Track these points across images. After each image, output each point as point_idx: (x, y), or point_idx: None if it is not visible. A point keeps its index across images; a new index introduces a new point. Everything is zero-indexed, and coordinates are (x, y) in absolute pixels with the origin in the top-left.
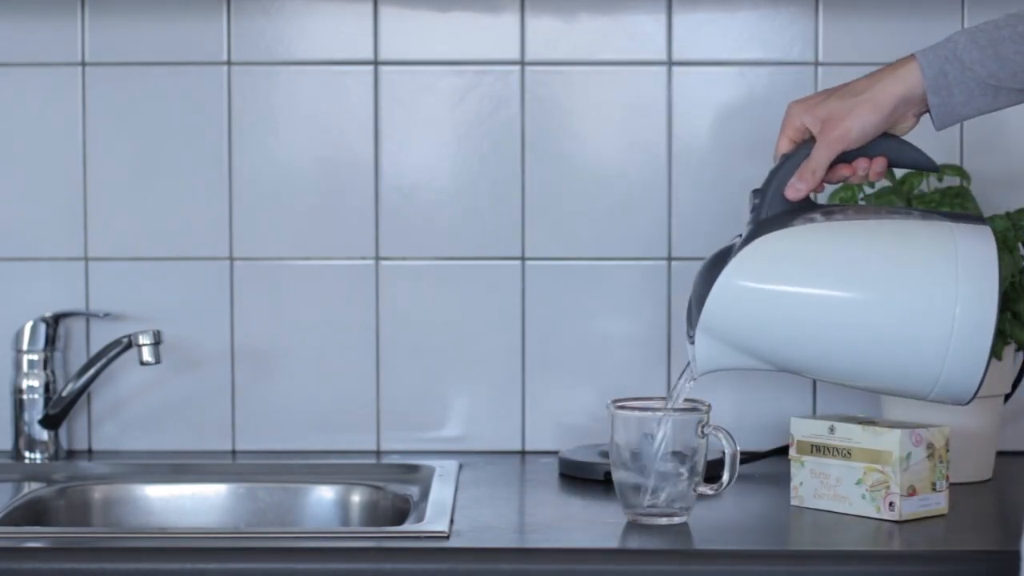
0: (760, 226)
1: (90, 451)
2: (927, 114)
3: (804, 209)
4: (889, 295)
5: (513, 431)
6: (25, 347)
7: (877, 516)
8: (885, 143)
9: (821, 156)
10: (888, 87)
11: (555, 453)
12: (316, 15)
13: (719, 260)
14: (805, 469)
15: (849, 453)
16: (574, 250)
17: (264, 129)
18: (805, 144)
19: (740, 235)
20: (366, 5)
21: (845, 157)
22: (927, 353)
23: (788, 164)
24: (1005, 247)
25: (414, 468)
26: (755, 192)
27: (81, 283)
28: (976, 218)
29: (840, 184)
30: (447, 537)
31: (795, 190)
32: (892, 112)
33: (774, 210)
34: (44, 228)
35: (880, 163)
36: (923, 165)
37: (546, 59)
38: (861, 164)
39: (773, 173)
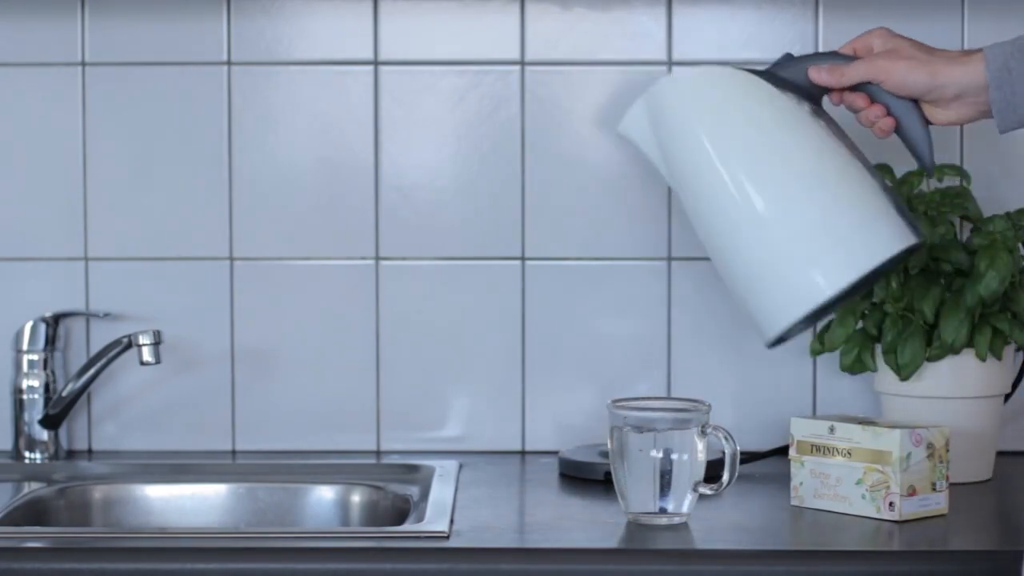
0: (769, 70)
1: (90, 451)
2: (990, 118)
3: (810, 94)
4: (781, 213)
5: (513, 431)
6: (25, 347)
7: (877, 516)
8: (910, 113)
9: (858, 70)
10: (952, 69)
11: (555, 453)
12: (316, 15)
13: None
14: (805, 469)
15: (849, 453)
16: (574, 250)
17: (264, 129)
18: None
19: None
20: (366, 5)
21: (875, 95)
22: (767, 279)
23: (831, 56)
24: (1005, 247)
25: (414, 468)
26: (788, 55)
27: (81, 283)
28: (916, 228)
29: None
30: (447, 537)
31: (817, 72)
32: (941, 88)
33: (790, 75)
34: (44, 228)
35: (888, 123)
36: (921, 157)
37: (546, 59)
38: (875, 111)
39: (815, 54)
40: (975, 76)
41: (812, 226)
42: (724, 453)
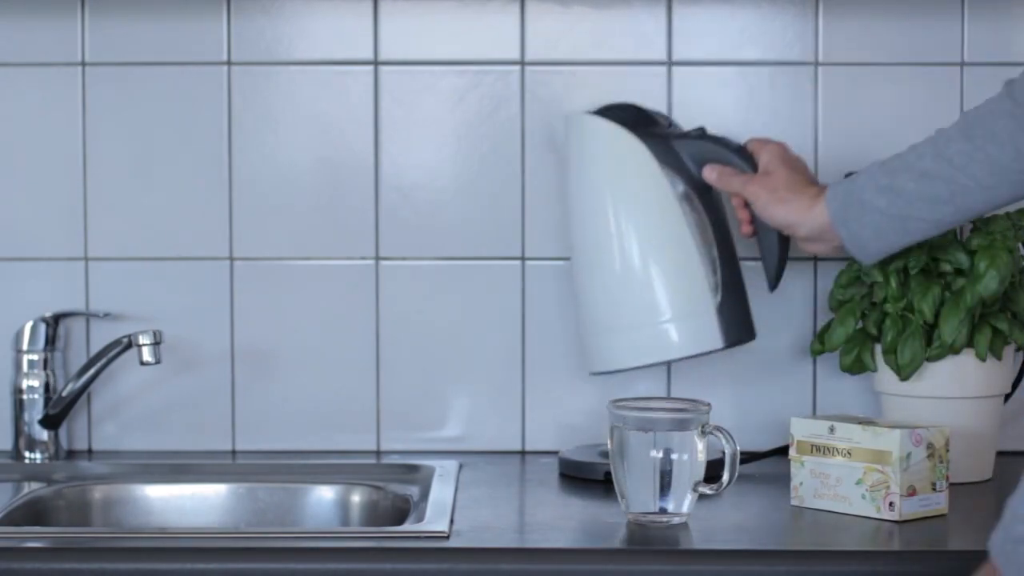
0: (672, 140)
1: (90, 451)
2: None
3: (695, 178)
4: (600, 277)
5: (513, 431)
6: (25, 347)
7: (877, 516)
8: (769, 234)
9: (737, 185)
10: (806, 214)
11: (555, 453)
12: (316, 15)
13: (641, 117)
14: (805, 469)
15: (849, 453)
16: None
17: (264, 129)
18: (754, 165)
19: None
20: (366, 5)
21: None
22: (582, 323)
23: (735, 153)
24: (1005, 247)
25: (414, 468)
26: (702, 131)
27: (81, 283)
28: (731, 332)
29: None
30: (447, 537)
31: (709, 171)
32: (794, 227)
33: (688, 152)
34: (44, 228)
35: (748, 230)
36: (767, 274)
37: (546, 59)
38: (743, 214)
39: (725, 145)
40: (821, 219)
41: (617, 302)
42: (724, 453)
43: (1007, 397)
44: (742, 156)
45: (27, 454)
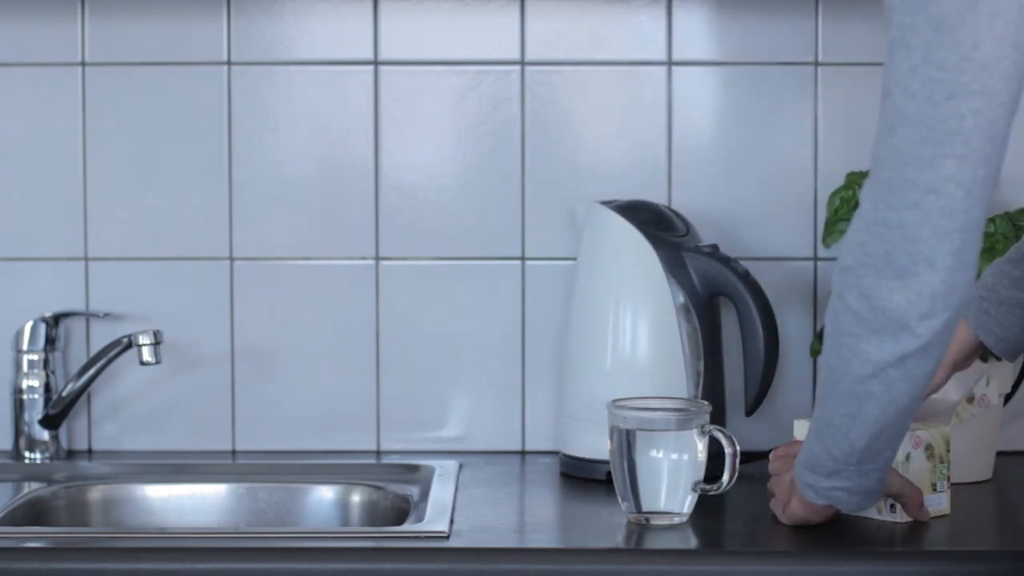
0: (684, 252)
1: (90, 451)
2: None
3: (696, 291)
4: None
5: (513, 431)
6: (25, 347)
7: (877, 516)
8: (756, 363)
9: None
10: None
11: (555, 453)
12: (316, 15)
13: (662, 220)
14: None
15: None
16: (574, 250)
17: (264, 129)
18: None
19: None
20: (366, 5)
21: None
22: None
23: (740, 281)
24: (1005, 247)
25: (414, 468)
26: (715, 248)
27: (81, 283)
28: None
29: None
30: (447, 537)
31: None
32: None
33: (696, 268)
34: (44, 228)
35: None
36: (747, 399)
37: (546, 59)
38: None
39: (733, 268)
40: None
41: (597, 397)
42: (724, 453)
43: (1007, 398)
44: (746, 281)
45: (27, 454)
